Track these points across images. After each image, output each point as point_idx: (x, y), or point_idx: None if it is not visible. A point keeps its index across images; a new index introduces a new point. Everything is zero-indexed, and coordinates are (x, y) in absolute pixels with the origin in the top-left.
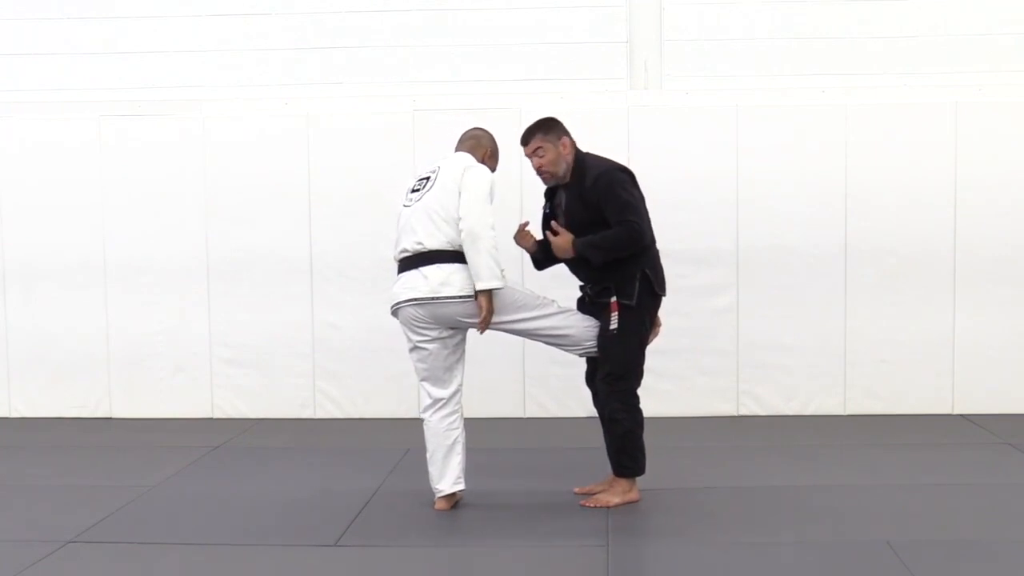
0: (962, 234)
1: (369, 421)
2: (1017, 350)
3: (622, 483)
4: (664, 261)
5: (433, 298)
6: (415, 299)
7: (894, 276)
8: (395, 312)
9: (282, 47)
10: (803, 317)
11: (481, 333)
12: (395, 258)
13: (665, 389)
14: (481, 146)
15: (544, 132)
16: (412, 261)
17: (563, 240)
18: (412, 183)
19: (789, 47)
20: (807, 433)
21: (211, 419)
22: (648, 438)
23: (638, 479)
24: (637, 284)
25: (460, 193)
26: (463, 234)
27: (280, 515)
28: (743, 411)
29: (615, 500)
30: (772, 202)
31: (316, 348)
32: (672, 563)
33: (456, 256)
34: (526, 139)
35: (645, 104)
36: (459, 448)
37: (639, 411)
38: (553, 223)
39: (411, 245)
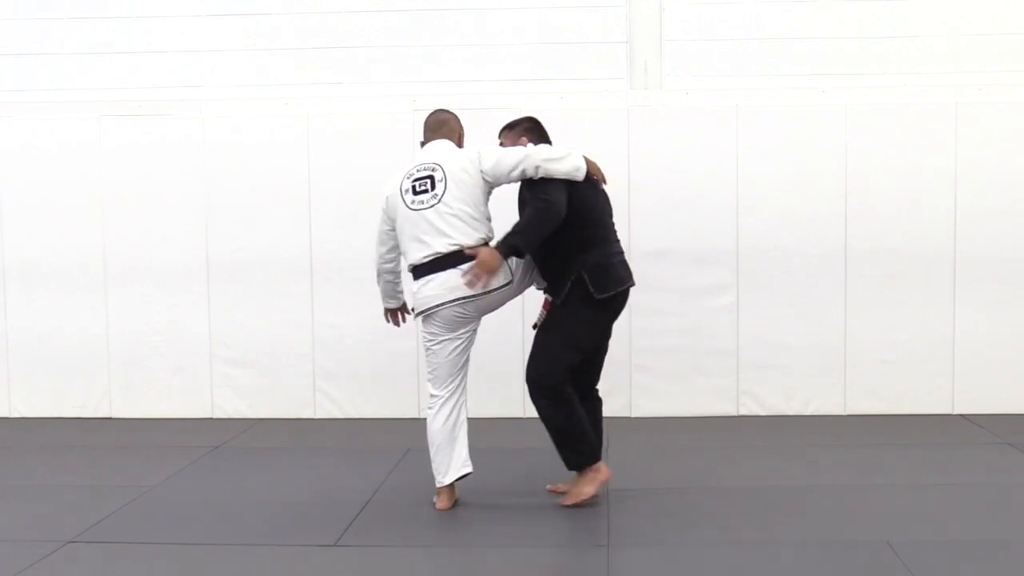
0: (962, 234)
1: (369, 421)
2: (1017, 350)
3: (582, 476)
4: (664, 261)
5: (485, 292)
6: (464, 297)
7: (894, 276)
8: (431, 312)
9: (282, 47)
10: (803, 317)
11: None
12: (415, 262)
13: (665, 389)
14: (454, 130)
15: (509, 129)
16: (446, 261)
17: (485, 253)
18: (405, 184)
19: (789, 47)
20: (807, 433)
21: (211, 419)
22: (648, 438)
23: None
24: (568, 285)
25: (484, 175)
26: (536, 172)
27: (280, 515)
28: (743, 411)
29: (589, 489)
30: (772, 202)
31: (316, 348)
32: (672, 563)
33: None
34: (499, 132)
35: (645, 104)
36: (462, 434)
37: (567, 404)
38: (467, 250)
39: (443, 247)
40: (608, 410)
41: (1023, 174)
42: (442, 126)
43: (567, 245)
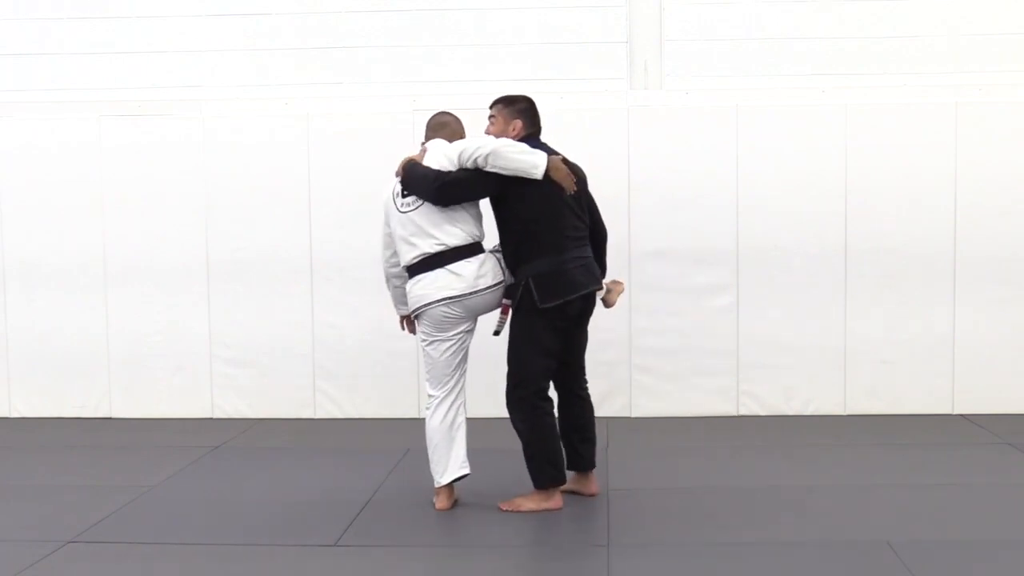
0: (962, 234)
1: (369, 421)
2: (1017, 350)
3: (537, 492)
4: (664, 261)
5: (472, 292)
6: (450, 297)
7: (894, 276)
8: (421, 312)
9: (282, 47)
10: (803, 317)
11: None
12: (406, 263)
13: (665, 389)
14: (455, 132)
15: (505, 105)
16: (434, 260)
17: (407, 158)
18: (397, 187)
19: (789, 47)
20: (807, 433)
21: (211, 419)
22: (648, 438)
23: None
24: (519, 290)
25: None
26: (486, 163)
27: (280, 515)
28: (743, 411)
29: (528, 505)
30: (772, 202)
31: (316, 348)
32: (672, 563)
33: (477, 248)
34: (492, 103)
35: (645, 104)
36: (460, 435)
37: (540, 422)
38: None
39: (430, 247)
40: (608, 410)
41: (1023, 174)
42: (443, 127)
43: (517, 251)
